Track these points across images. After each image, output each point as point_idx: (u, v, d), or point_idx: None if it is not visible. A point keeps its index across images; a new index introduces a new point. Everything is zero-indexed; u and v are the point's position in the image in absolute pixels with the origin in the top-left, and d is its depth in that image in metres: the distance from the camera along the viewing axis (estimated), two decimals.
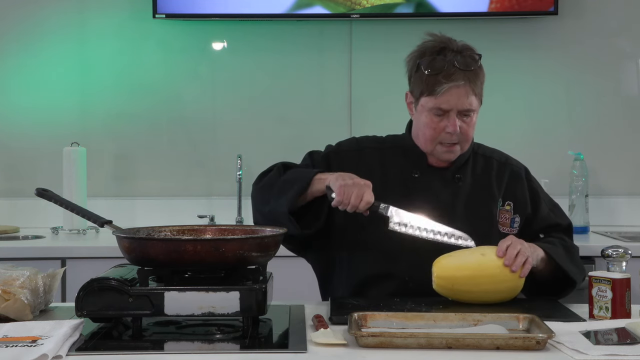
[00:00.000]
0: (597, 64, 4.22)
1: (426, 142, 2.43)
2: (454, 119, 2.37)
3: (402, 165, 2.47)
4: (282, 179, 2.40)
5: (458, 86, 2.35)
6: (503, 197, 2.49)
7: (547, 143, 4.22)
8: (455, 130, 2.37)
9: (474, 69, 2.37)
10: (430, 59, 2.38)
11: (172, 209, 4.15)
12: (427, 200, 2.41)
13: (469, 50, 2.40)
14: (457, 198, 2.45)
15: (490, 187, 2.49)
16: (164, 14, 4.03)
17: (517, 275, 2.23)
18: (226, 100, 4.24)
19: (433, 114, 2.38)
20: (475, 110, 2.40)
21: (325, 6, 4.04)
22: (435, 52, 2.39)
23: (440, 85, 2.35)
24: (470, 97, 2.37)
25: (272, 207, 2.37)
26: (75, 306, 1.95)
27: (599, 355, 1.77)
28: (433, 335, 1.84)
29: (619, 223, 4.16)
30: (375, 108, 4.18)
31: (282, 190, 2.36)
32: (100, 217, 2.24)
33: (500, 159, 2.55)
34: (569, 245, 2.46)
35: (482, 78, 2.42)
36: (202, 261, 1.96)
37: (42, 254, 3.53)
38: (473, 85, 2.36)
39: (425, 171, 2.46)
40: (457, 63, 2.35)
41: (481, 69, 2.41)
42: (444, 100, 2.36)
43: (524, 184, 2.53)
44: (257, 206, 2.46)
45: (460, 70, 2.35)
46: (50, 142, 4.13)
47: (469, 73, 2.36)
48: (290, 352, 1.82)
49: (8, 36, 4.18)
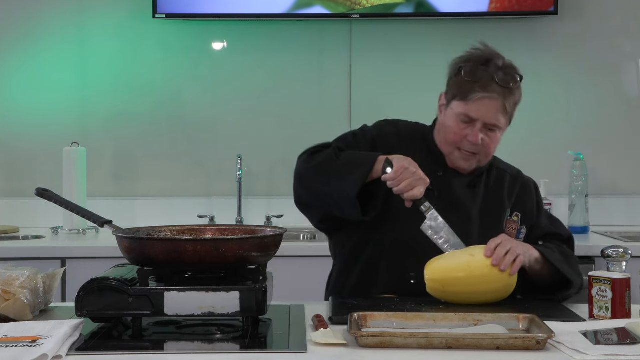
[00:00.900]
0: (597, 64, 4.22)
1: (446, 144, 2.45)
2: (477, 130, 2.39)
3: (427, 160, 2.47)
4: (343, 160, 2.38)
5: (491, 99, 2.37)
6: (512, 208, 2.51)
7: (547, 143, 4.22)
8: (477, 141, 2.39)
9: (512, 88, 2.39)
10: (473, 66, 2.40)
11: (172, 209, 4.15)
12: (447, 200, 2.43)
13: (512, 70, 2.42)
14: (472, 205, 2.47)
15: (502, 199, 2.52)
16: (164, 14, 4.03)
17: (507, 275, 2.23)
18: (226, 100, 4.24)
19: (460, 120, 2.40)
20: (501, 128, 2.42)
21: (325, 6, 4.04)
22: (480, 62, 2.41)
23: (475, 93, 2.37)
24: (499, 113, 2.38)
25: (332, 189, 2.35)
26: (75, 306, 1.95)
27: (599, 355, 1.77)
28: (433, 335, 1.84)
29: (619, 223, 4.16)
30: (375, 108, 4.18)
31: (346, 171, 2.34)
32: (100, 217, 2.24)
33: (512, 172, 2.59)
34: (565, 251, 2.47)
35: (518, 99, 2.43)
36: (202, 261, 1.96)
37: (42, 254, 3.53)
38: (506, 102, 2.38)
39: (447, 172, 2.48)
40: (497, 78, 2.37)
41: (519, 89, 2.43)
42: (474, 108, 2.37)
43: (533, 197, 2.57)
44: (310, 185, 2.42)
45: (498, 85, 2.37)
46: (50, 142, 4.13)
47: (505, 90, 2.38)
48: (290, 352, 1.82)
49: (8, 36, 4.18)
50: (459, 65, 2.43)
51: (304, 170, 2.43)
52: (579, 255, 3.54)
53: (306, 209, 2.49)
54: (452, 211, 2.39)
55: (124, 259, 2.07)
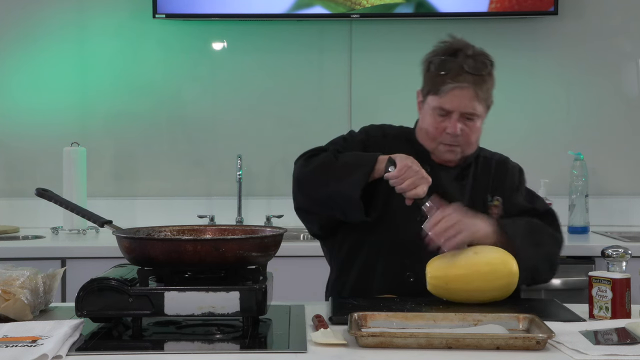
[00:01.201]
0: (597, 64, 4.22)
1: (428, 140, 2.46)
2: (455, 121, 2.39)
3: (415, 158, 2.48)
4: (342, 161, 2.37)
5: (462, 88, 2.37)
6: (493, 192, 2.50)
7: (547, 143, 4.22)
8: (455, 132, 2.39)
9: (483, 75, 2.38)
10: (441, 59, 2.40)
11: (172, 209, 4.15)
12: (437, 195, 2.42)
13: (483, 56, 2.42)
14: (462, 196, 2.46)
15: (487, 186, 2.51)
16: (164, 14, 4.03)
17: (509, 272, 2.23)
18: (226, 100, 4.24)
19: (436, 114, 2.41)
20: (479, 115, 2.41)
21: (325, 6, 4.04)
22: (448, 53, 2.41)
23: (445, 85, 2.37)
24: (473, 101, 2.38)
25: (332, 191, 2.34)
26: (75, 306, 1.95)
27: (599, 355, 1.77)
28: (433, 335, 1.84)
29: (619, 223, 4.16)
30: (375, 108, 4.18)
31: (347, 172, 2.33)
32: (100, 217, 2.24)
33: (499, 159, 2.58)
34: (534, 224, 2.41)
35: (491, 85, 2.43)
36: (202, 261, 1.96)
37: (42, 254, 3.53)
38: (478, 89, 2.38)
39: (435, 167, 2.48)
40: (466, 66, 2.37)
41: (491, 75, 2.42)
42: (447, 100, 2.38)
43: (515, 179, 2.54)
44: (310, 189, 2.41)
45: (467, 74, 2.37)
46: (50, 142, 4.13)
47: (476, 77, 2.37)
48: (290, 352, 1.81)
49: (8, 36, 4.18)
50: (428, 60, 2.44)
51: (303, 174, 2.42)
52: (579, 255, 3.57)
53: (306, 216, 2.47)
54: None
55: (124, 259, 2.07)
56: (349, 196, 2.30)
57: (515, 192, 2.52)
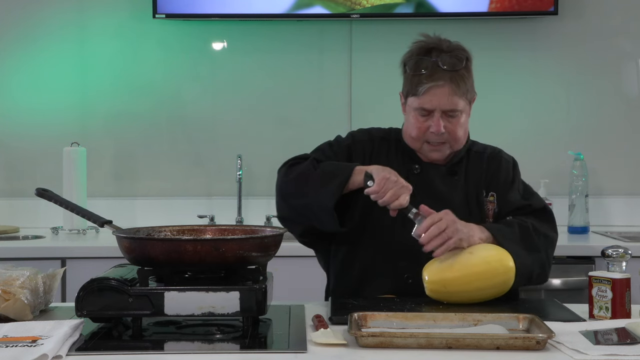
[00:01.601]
0: (597, 64, 4.21)
1: (413, 141, 2.45)
2: (437, 119, 2.39)
3: (403, 158, 2.49)
4: (320, 171, 2.37)
5: (439, 86, 2.36)
6: (487, 188, 2.48)
7: (547, 143, 4.22)
8: (439, 130, 2.39)
9: (458, 70, 2.38)
10: (416, 59, 2.40)
11: (172, 209, 4.15)
12: (428, 194, 2.42)
13: (458, 51, 2.41)
14: (454, 193, 2.46)
15: (481, 182, 2.50)
16: (164, 14, 4.03)
17: (504, 269, 2.23)
18: (226, 100, 4.24)
19: (418, 114, 2.41)
20: (461, 110, 2.40)
21: (325, 6, 4.04)
22: (422, 52, 2.41)
23: (422, 85, 2.37)
24: (453, 97, 2.38)
25: (309, 201, 2.34)
26: (75, 306, 1.95)
27: (599, 355, 1.77)
28: (433, 335, 1.84)
29: (619, 223, 4.16)
30: (375, 108, 4.18)
31: (323, 182, 2.34)
32: (100, 217, 2.24)
33: (491, 152, 2.55)
34: (528, 226, 2.39)
35: (469, 79, 2.42)
36: (202, 261, 1.96)
37: (42, 254, 3.53)
38: (456, 85, 2.37)
39: (424, 166, 2.47)
40: (441, 63, 2.37)
41: (467, 69, 2.41)
42: (426, 100, 2.38)
43: (509, 174, 2.52)
44: (288, 199, 2.42)
45: (443, 71, 2.36)
46: (50, 142, 4.13)
47: (452, 73, 2.37)
48: (290, 352, 1.81)
49: (8, 36, 4.18)
50: (404, 61, 2.44)
51: (284, 183, 2.43)
52: (579, 255, 3.57)
53: (288, 224, 2.46)
54: (433, 204, 2.36)
55: (124, 259, 2.07)
56: (324, 206, 2.31)
57: (511, 187, 2.50)
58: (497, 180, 2.50)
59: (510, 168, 2.54)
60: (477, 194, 2.48)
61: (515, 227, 2.37)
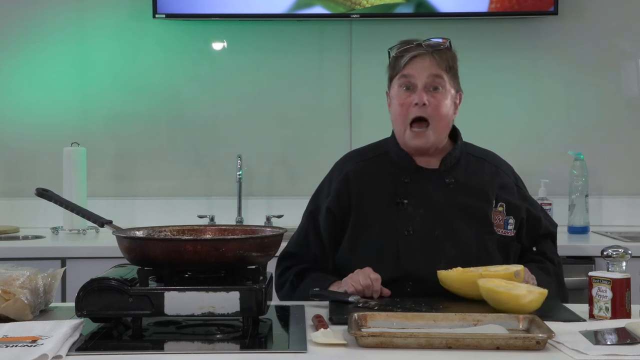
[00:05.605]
0: (597, 64, 4.22)
1: (398, 122, 2.47)
2: (420, 91, 2.42)
3: (391, 172, 2.49)
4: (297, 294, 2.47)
5: (421, 56, 2.42)
6: (496, 198, 2.48)
7: (547, 143, 4.22)
8: (422, 100, 2.41)
9: (440, 47, 2.43)
10: (399, 45, 2.48)
11: (172, 209, 4.15)
12: (421, 204, 2.42)
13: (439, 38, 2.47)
14: (451, 199, 2.45)
15: (483, 188, 2.48)
16: (164, 14, 4.03)
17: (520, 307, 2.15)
18: (226, 100, 4.24)
19: (402, 91, 2.44)
20: (445, 85, 2.43)
21: (325, 6, 4.04)
22: (405, 42, 2.49)
23: (404, 59, 2.44)
24: (436, 68, 2.42)
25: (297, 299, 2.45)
26: (75, 306, 1.95)
27: (599, 355, 1.77)
28: (433, 335, 1.84)
29: (619, 223, 4.16)
30: (375, 108, 4.17)
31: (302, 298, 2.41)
32: (100, 217, 2.24)
33: (492, 161, 2.56)
34: (558, 273, 2.51)
35: (452, 57, 2.46)
36: (202, 261, 1.96)
37: (42, 254, 3.53)
38: (438, 57, 2.42)
39: (414, 175, 2.47)
40: (424, 44, 2.44)
41: (451, 51, 2.46)
42: (408, 69, 2.43)
43: (511, 179, 2.54)
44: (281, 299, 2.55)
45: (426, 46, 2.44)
46: (50, 142, 4.13)
47: (434, 49, 2.43)
48: (290, 352, 1.81)
49: (8, 36, 4.18)
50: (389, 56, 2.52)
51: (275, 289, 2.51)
52: (579, 255, 3.57)
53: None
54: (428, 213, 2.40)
55: (124, 259, 2.07)
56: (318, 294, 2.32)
57: (524, 200, 2.52)
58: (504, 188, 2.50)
59: (510, 173, 2.56)
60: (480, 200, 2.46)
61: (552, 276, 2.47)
